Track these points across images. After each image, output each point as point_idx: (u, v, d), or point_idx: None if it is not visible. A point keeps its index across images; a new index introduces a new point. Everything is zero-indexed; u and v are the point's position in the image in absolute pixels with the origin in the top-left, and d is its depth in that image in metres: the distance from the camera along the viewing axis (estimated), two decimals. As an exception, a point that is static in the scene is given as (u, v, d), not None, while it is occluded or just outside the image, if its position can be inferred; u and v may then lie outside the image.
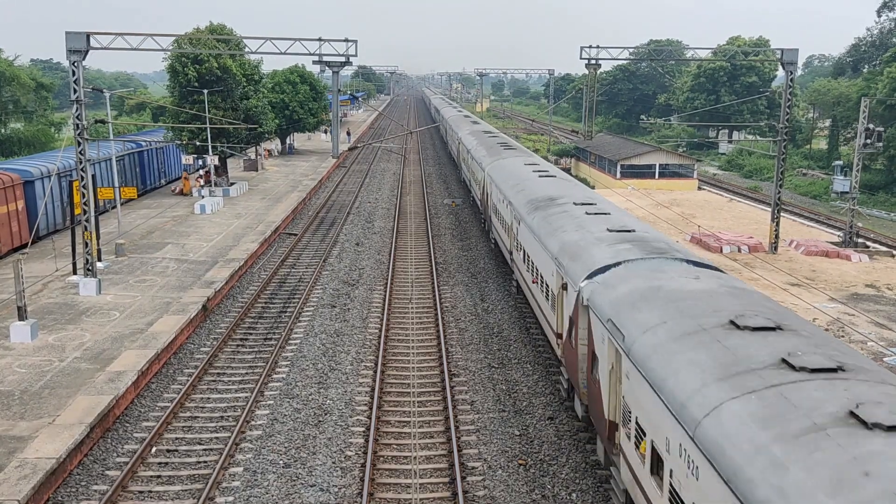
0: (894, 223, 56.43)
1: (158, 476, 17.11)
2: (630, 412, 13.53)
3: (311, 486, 16.71)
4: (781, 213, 41.93)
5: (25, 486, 15.43)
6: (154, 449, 18.33)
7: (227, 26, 54.35)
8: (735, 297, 14.26)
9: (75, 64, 29.74)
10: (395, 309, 29.38)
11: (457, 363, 23.91)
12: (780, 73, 48.61)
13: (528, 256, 25.24)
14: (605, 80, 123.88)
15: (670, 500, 11.40)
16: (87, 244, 29.85)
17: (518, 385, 22.29)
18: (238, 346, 25.37)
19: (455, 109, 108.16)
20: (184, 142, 52.61)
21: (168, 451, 18.28)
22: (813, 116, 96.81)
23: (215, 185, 53.28)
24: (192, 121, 50.81)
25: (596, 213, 23.09)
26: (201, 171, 56.72)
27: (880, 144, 44.15)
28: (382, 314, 28.39)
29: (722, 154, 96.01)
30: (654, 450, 12.25)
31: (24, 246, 34.85)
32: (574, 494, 16.53)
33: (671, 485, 11.24)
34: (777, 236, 40.99)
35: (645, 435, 12.64)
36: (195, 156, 54.31)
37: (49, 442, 17.27)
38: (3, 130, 71.50)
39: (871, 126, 42.73)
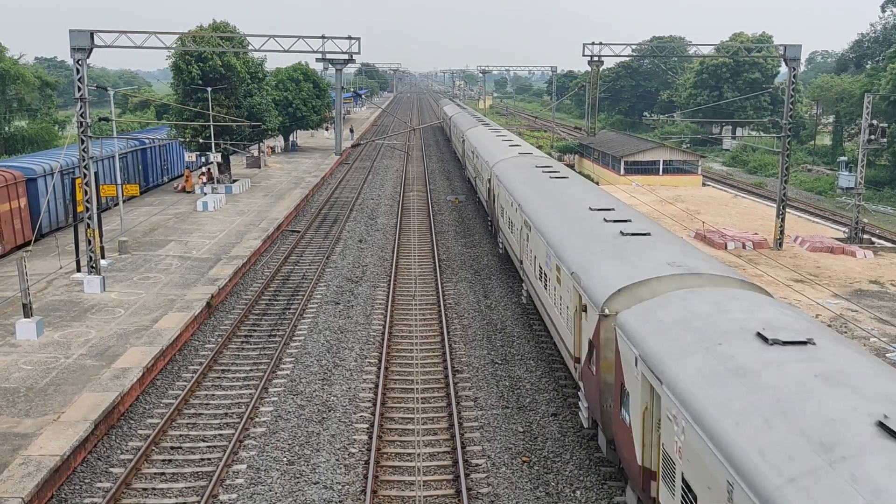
0: (899, 219, 56.23)
1: (162, 473, 17.13)
2: (501, 220, 34.19)
3: (315, 484, 16.73)
4: (786, 210, 41.83)
5: (29, 484, 15.47)
6: (158, 446, 18.36)
7: (230, 24, 54.41)
8: (550, 166, 34.41)
9: (79, 62, 29.76)
10: (399, 306, 29.38)
11: (460, 359, 23.91)
12: (783, 69, 48.54)
13: (477, 172, 48.14)
14: (608, 76, 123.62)
15: (519, 248, 28.61)
16: (90, 242, 29.89)
17: (521, 381, 22.28)
18: (242, 342, 25.39)
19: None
20: (187, 139, 52.68)
21: (172, 448, 18.31)
22: (816, 113, 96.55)
23: (218, 182, 53.32)
24: (195, 118, 50.87)
25: (507, 141, 48.43)
26: (203, 169, 56.78)
27: (884, 140, 44.08)
28: (386, 311, 28.39)
29: (726, 150, 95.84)
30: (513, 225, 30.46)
31: (27, 244, 34.92)
32: (578, 492, 16.52)
33: (528, 249, 25.87)
34: (782, 232, 40.91)
35: (505, 215, 32.68)
36: (198, 153, 54.38)
37: (53, 439, 17.30)
38: (7, 128, 71.58)
39: (874, 122, 42.62)
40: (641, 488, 13.14)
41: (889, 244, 43.07)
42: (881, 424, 8.90)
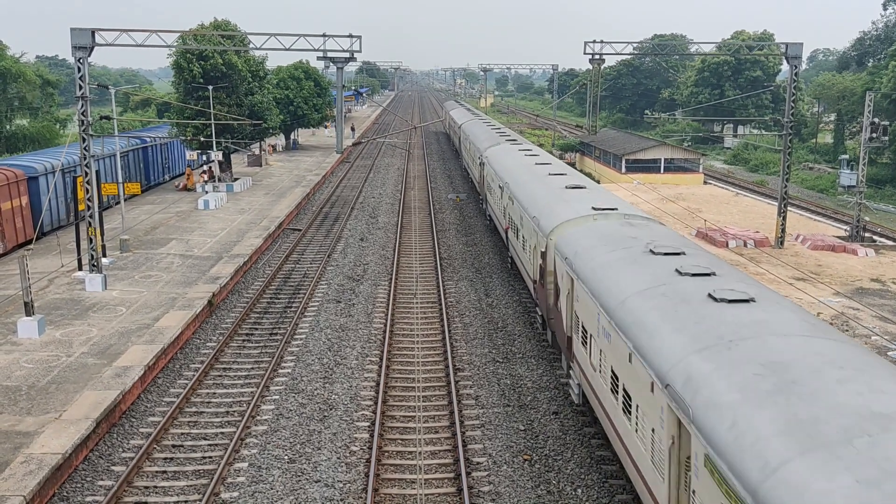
0: (900, 217, 56.16)
1: (164, 472, 17.14)
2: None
3: (317, 482, 16.74)
4: (788, 208, 41.80)
5: (31, 482, 15.48)
6: (160, 444, 18.37)
7: (231, 22, 54.41)
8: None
9: (80, 60, 29.77)
10: (400, 304, 29.38)
11: (461, 358, 23.91)
12: (785, 67, 48.53)
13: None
14: (609, 75, 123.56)
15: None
16: (91, 240, 29.91)
17: (523, 380, 22.28)
18: (244, 340, 25.40)
19: None
20: (188, 138, 52.70)
21: (174, 446, 18.32)
22: (818, 111, 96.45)
23: (219, 180, 53.33)
24: (196, 117, 50.88)
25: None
26: (205, 167, 56.81)
27: (886, 138, 44.04)
28: (387, 309, 28.39)
29: (727, 148, 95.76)
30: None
31: (29, 242, 34.96)
32: (580, 490, 16.52)
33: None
34: (783, 231, 40.88)
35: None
36: (199, 151, 54.40)
37: (55, 437, 17.31)
38: (8, 127, 71.60)
39: (876, 120, 42.60)
40: None
41: (890, 242, 43.03)
42: (503, 139, 43.87)
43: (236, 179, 54.83)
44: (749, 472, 9.01)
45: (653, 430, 12.59)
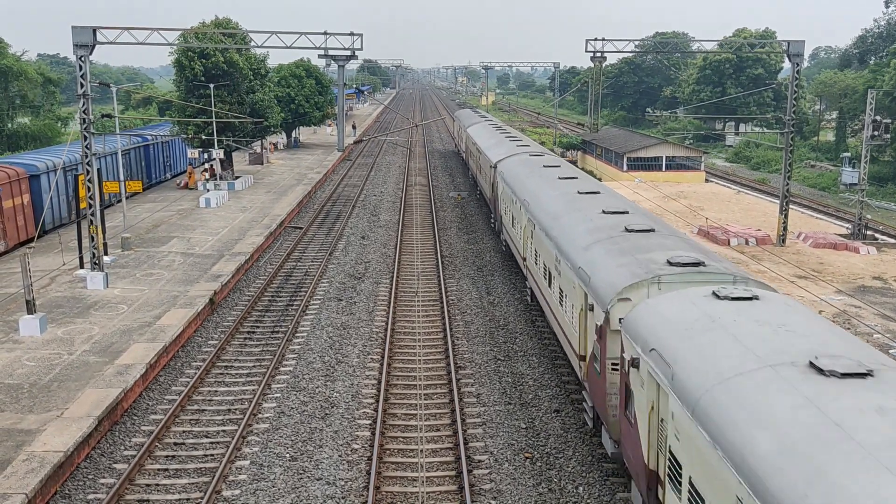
0: (902, 215, 56.06)
1: (166, 469, 17.16)
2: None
3: (318, 480, 16.75)
4: (790, 206, 41.77)
5: (33, 480, 15.50)
6: (161, 442, 18.39)
7: (232, 20, 54.40)
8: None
9: (82, 59, 29.80)
10: (402, 302, 29.39)
11: (463, 356, 23.91)
12: (787, 64, 48.49)
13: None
14: (611, 73, 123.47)
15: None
16: (93, 238, 29.93)
17: (524, 378, 22.29)
18: (245, 339, 25.41)
19: None
20: (190, 136, 52.71)
21: (175, 444, 18.34)
22: (820, 108, 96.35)
23: (220, 178, 53.35)
24: (198, 115, 50.88)
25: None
26: (206, 165, 56.82)
27: (888, 136, 43.98)
28: (389, 307, 28.40)
29: (729, 146, 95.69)
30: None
31: (31, 240, 34.99)
32: (581, 488, 16.53)
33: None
34: (785, 229, 40.85)
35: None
36: (201, 150, 54.41)
37: (57, 435, 17.33)
38: (10, 125, 71.65)
39: (878, 118, 42.54)
40: None
41: (892, 240, 43.01)
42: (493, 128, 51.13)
43: (237, 177, 54.84)
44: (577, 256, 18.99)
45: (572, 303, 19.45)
